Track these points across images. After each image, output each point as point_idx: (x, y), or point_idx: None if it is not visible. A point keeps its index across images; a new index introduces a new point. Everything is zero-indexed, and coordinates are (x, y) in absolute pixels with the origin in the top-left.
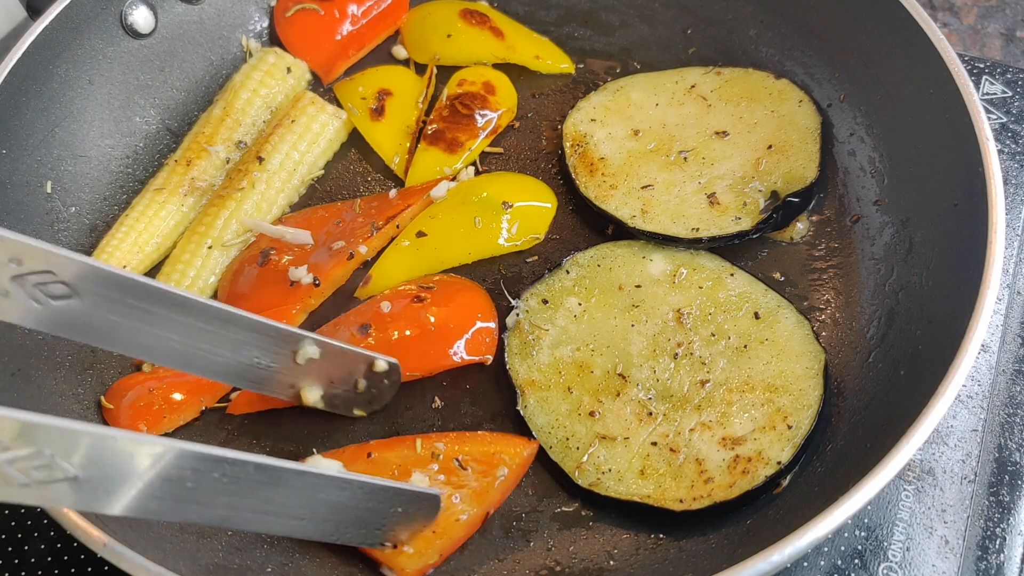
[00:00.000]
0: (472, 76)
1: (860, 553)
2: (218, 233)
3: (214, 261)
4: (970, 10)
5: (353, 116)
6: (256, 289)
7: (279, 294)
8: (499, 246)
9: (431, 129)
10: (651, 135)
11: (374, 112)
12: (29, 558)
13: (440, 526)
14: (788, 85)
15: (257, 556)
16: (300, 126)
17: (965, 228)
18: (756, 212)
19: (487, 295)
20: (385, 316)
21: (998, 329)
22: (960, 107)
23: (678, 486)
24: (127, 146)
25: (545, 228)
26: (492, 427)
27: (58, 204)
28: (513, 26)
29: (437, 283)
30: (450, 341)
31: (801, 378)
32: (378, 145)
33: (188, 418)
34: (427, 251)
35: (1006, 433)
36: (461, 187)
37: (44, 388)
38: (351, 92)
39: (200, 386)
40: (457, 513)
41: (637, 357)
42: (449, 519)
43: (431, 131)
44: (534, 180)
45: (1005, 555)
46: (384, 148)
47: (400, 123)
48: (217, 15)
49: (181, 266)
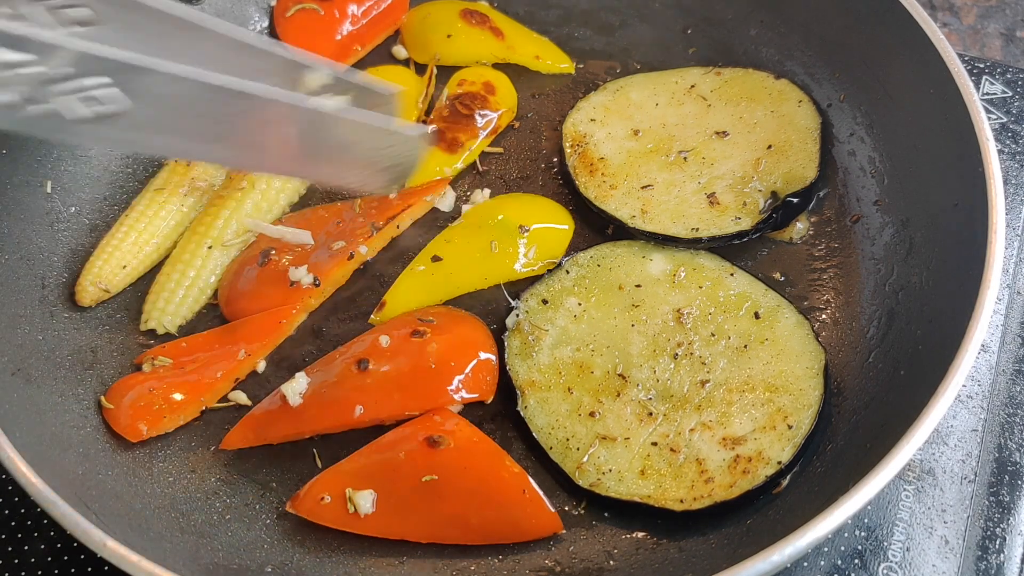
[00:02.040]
0: (472, 76)
1: (860, 553)
2: (218, 233)
3: (214, 261)
4: (970, 10)
5: None
6: (256, 289)
7: (279, 294)
8: (515, 271)
9: (431, 129)
10: (651, 135)
11: None
12: (29, 558)
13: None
14: (788, 85)
15: (257, 556)
16: None
17: (965, 228)
18: (756, 212)
19: (486, 329)
20: (384, 351)
21: (998, 329)
22: (960, 107)
23: (678, 486)
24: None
25: (563, 251)
26: (492, 427)
27: (58, 204)
28: (513, 26)
29: (436, 315)
30: (449, 378)
31: (801, 378)
32: None
33: (188, 418)
34: (442, 276)
35: (1006, 433)
36: (476, 210)
37: (44, 388)
38: None
39: (200, 386)
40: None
41: (637, 357)
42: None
43: (431, 131)
44: (550, 202)
45: (1005, 555)
46: None
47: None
48: (217, 15)
49: (181, 266)
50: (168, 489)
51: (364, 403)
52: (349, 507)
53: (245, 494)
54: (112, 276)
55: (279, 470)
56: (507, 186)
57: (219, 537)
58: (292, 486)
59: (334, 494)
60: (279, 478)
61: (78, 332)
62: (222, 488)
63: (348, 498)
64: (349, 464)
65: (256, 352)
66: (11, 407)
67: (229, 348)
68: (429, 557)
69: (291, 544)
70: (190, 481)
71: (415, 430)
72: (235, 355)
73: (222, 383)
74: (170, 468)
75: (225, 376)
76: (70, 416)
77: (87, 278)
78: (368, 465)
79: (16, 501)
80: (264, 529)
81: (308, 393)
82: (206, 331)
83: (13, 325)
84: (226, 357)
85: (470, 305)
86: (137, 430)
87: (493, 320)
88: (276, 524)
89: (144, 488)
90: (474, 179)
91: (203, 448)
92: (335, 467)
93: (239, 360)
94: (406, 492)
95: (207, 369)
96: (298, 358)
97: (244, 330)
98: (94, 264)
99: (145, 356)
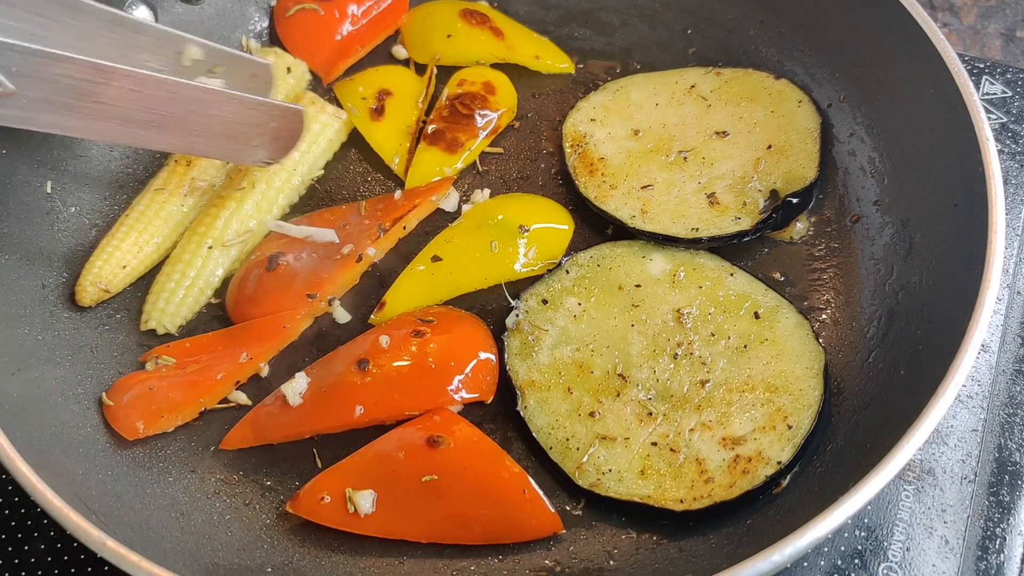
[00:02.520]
0: (472, 76)
1: (860, 553)
2: (218, 233)
3: (214, 261)
4: (970, 10)
5: (353, 116)
6: (265, 294)
7: (288, 299)
8: (515, 271)
9: (431, 129)
10: (651, 135)
11: (374, 112)
12: (29, 558)
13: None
14: (788, 85)
15: (257, 556)
16: None
17: (965, 228)
18: (756, 212)
19: (486, 328)
20: (384, 351)
21: (998, 329)
22: (960, 107)
23: (678, 486)
24: (127, 146)
25: (562, 251)
26: (492, 427)
27: (58, 204)
28: (513, 26)
29: (436, 315)
30: (449, 378)
31: (801, 378)
32: (378, 145)
33: (187, 418)
34: (442, 276)
35: (1006, 433)
36: (476, 210)
37: (44, 388)
38: (351, 92)
39: (200, 387)
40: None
41: (637, 357)
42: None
43: (431, 131)
44: (550, 201)
45: (1005, 555)
46: (384, 148)
47: (400, 123)
48: (217, 15)
49: (181, 266)
50: (168, 489)
51: (364, 403)
52: (349, 507)
53: (245, 494)
54: (112, 276)
55: (279, 470)
56: (507, 186)
57: (219, 537)
58: (292, 486)
59: (334, 494)
60: (279, 478)
61: (78, 332)
62: (222, 488)
63: (348, 498)
64: (349, 464)
65: (259, 356)
66: (11, 407)
67: (232, 351)
68: (429, 557)
69: (291, 544)
70: (190, 481)
71: (415, 430)
72: (237, 358)
73: (222, 385)
74: (170, 468)
75: (226, 378)
76: (70, 416)
77: (87, 278)
78: (368, 465)
79: (16, 501)
80: (264, 529)
81: (308, 393)
82: (211, 332)
83: (13, 325)
84: (228, 359)
85: (470, 305)
86: (134, 428)
87: (493, 320)
88: (276, 524)
89: (144, 488)
90: (474, 179)
91: (203, 448)
92: (335, 467)
93: (241, 363)
94: (406, 492)
95: (208, 371)
96: (298, 358)
97: (249, 333)
98: (94, 264)
99: (149, 355)
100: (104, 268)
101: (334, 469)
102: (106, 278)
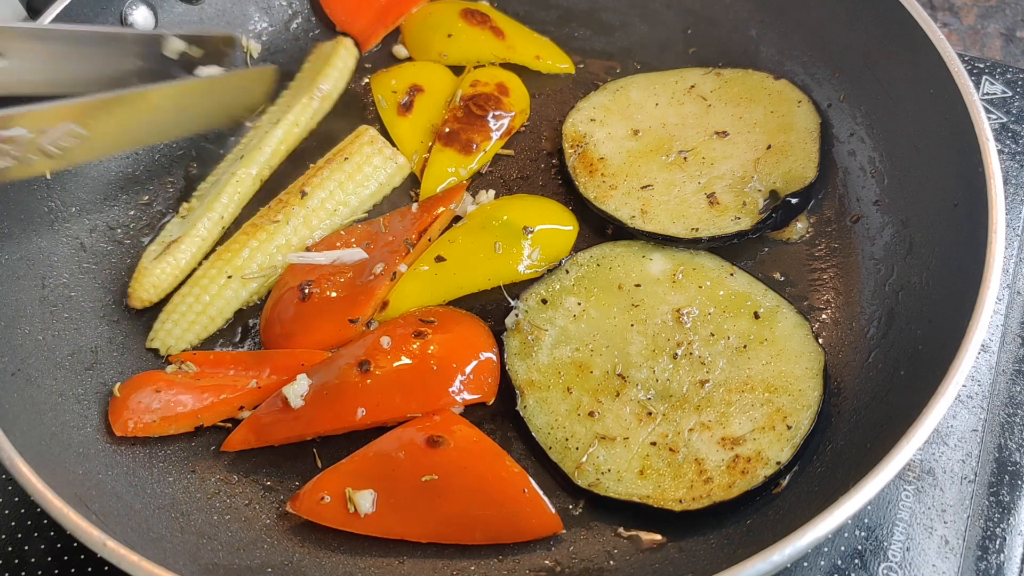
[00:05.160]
0: (485, 77)
1: (860, 553)
2: (242, 263)
3: (231, 292)
4: (970, 10)
5: (381, 108)
6: (303, 325)
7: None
8: (519, 273)
9: (446, 130)
10: (651, 135)
11: (402, 107)
12: (29, 558)
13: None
14: (788, 85)
15: (257, 556)
16: (352, 165)
17: (965, 228)
18: (756, 212)
19: (487, 329)
20: (385, 352)
21: (998, 329)
22: (960, 107)
23: (678, 486)
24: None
25: (566, 253)
26: (492, 427)
27: (58, 204)
28: (513, 26)
29: (437, 316)
30: (451, 379)
31: (801, 378)
32: (400, 141)
33: (180, 430)
34: (446, 276)
35: (1006, 433)
36: (481, 211)
37: (44, 388)
38: (384, 84)
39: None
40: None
41: (636, 357)
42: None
43: (446, 132)
44: (554, 203)
45: (1005, 555)
46: (405, 144)
47: (426, 121)
48: (217, 15)
49: (197, 290)
50: (168, 489)
51: (366, 405)
52: (349, 507)
53: (245, 494)
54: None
55: (279, 470)
56: (507, 186)
57: (219, 537)
58: (292, 486)
59: (334, 494)
60: (279, 478)
61: (78, 332)
62: (222, 488)
63: (348, 498)
64: (349, 464)
65: (269, 387)
66: (11, 407)
67: (247, 374)
68: (429, 557)
69: (291, 544)
70: (190, 481)
71: (415, 430)
72: (246, 384)
73: (223, 407)
74: (170, 468)
75: (229, 401)
76: (70, 416)
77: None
78: (368, 465)
79: (16, 501)
80: (264, 529)
81: (309, 395)
82: (239, 352)
83: (13, 325)
84: (241, 382)
85: (470, 305)
86: (124, 424)
87: (492, 320)
88: (276, 524)
89: (144, 488)
90: (475, 180)
91: (204, 448)
92: (335, 467)
93: (249, 389)
94: (406, 492)
95: (216, 390)
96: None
97: (273, 360)
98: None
99: (176, 358)
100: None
101: (334, 469)
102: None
